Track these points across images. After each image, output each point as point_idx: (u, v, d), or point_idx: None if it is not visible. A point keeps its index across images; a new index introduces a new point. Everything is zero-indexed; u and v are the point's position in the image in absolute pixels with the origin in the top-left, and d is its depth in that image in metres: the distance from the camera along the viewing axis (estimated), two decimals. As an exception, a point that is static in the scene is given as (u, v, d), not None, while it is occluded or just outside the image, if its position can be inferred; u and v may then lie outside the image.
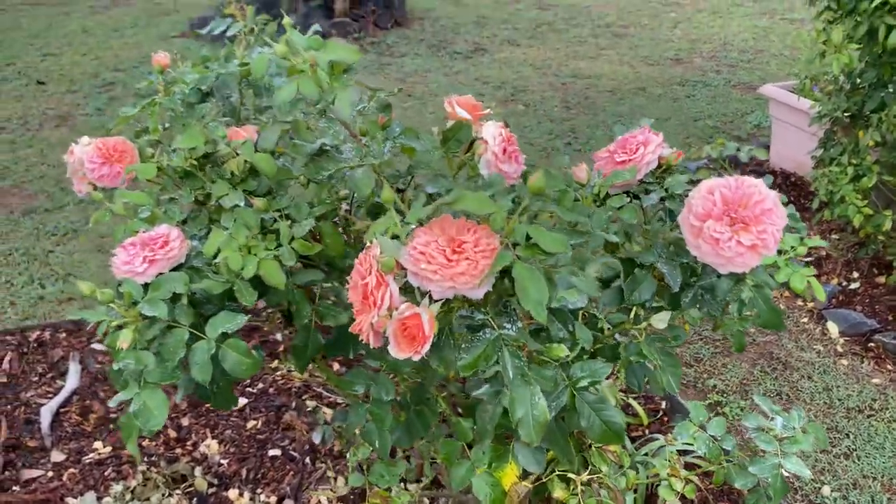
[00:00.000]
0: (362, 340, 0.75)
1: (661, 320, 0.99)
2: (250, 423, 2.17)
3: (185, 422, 2.19)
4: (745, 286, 1.03)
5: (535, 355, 0.90)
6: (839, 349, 2.70)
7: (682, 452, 1.81)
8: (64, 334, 2.59)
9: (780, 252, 1.50)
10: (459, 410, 1.34)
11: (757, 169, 3.88)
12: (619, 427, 0.95)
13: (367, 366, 1.24)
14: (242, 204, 1.11)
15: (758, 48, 6.25)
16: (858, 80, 2.77)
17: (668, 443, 1.68)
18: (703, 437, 1.49)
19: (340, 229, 1.17)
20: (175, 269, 1.03)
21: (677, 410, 2.26)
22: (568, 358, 0.95)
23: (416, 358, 0.75)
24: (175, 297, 0.97)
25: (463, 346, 0.79)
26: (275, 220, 1.10)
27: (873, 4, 2.50)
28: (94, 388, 2.32)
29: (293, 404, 2.23)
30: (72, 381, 2.33)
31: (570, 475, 1.14)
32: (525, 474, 1.17)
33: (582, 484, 1.13)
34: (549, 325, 0.89)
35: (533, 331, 0.92)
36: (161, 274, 0.97)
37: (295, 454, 2.06)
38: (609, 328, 1.04)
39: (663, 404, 2.32)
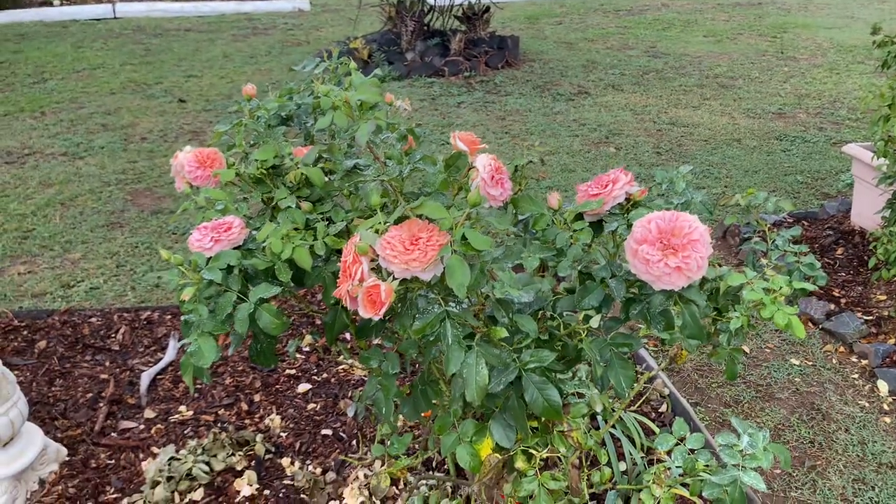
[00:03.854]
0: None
1: (595, 321, 1.20)
2: (310, 406, 2.49)
3: (256, 398, 2.53)
4: (674, 301, 1.22)
5: (493, 339, 1.14)
6: (885, 407, 2.72)
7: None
8: (169, 316, 3.02)
9: (767, 291, 1.67)
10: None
11: (836, 227, 3.90)
12: (556, 404, 1.17)
13: (383, 346, 1.51)
14: (294, 206, 1.42)
15: (870, 107, 6.15)
16: (928, 144, 2.82)
17: (658, 455, 1.85)
18: (682, 449, 1.66)
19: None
20: (236, 249, 1.34)
21: (700, 441, 2.38)
22: (521, 344, 1.18)
23: (377, 318, 1.01)
24: (230, 269, 1.28)
25: (416, 316, 1.05)
26: (318, 221, 1.40)
27: (937, 72, 2.57)
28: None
29: (350, 393, 2.53)
30: (170, 354, 2.73)
31: (532, 451, 1.35)
32: (498, 448, 1.39)
33: (542, 460, 1.34)
34: (495, 311, 1.13)
35: (489, 317, 1.16)
36: (222, 251, 1.29)
37: (344, 435, 2.35)
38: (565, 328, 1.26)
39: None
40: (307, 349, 2.74)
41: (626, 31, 9.01)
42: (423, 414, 1.54)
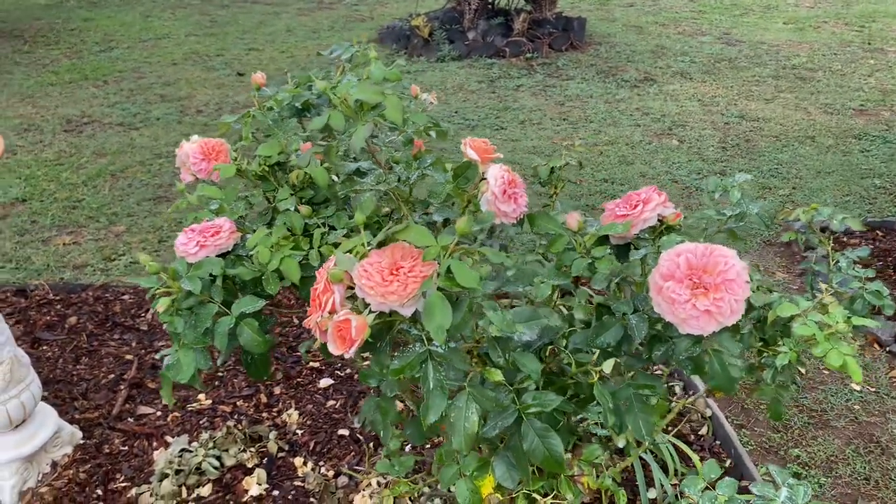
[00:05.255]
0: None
1: (608, 365, 1.05)
2: (330, 403, 2.40)
3: (276, 390, 2.46)
4: (700, 347, 1.06)
5: (489, 378, 1.01)
6: (954, 445, 2.48)
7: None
8: (201, 298, 2.98)
9: (821, 326, 1.48)
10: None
11: (913, 238, 3.60)
12: (559, 456, 1.03)
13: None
14: (293, 209, 1.31)
15: (961, 107, 5.70)
16: None
17: (685, 497, 1.70)
18: (710, 495, 1.50)
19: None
20: (224, 255, 1.24)
21: (741, 470, 2.21)
22: (523, 385, 1.05)
23: (347, 356, 0.89)
24: (215, 278, 1.19)
25: (396, 354, 0.93)
26: (316, 227, 1.29)
27: None
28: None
29: (372, 392, 2.43)
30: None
31: (536, 496, 1.22)
32: (500, 487, 1.27)
33: (546, 507, 1.21)
34: (490, 351, 1.00)
35: (485, 354, 1.03)
36: (206, 259, 1.19)
37: (361, 437, 2.26)
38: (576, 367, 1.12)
39: (727, 462, 2.27)
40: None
41: (700, 16, 8.61)
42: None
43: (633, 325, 1.06)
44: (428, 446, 2.20)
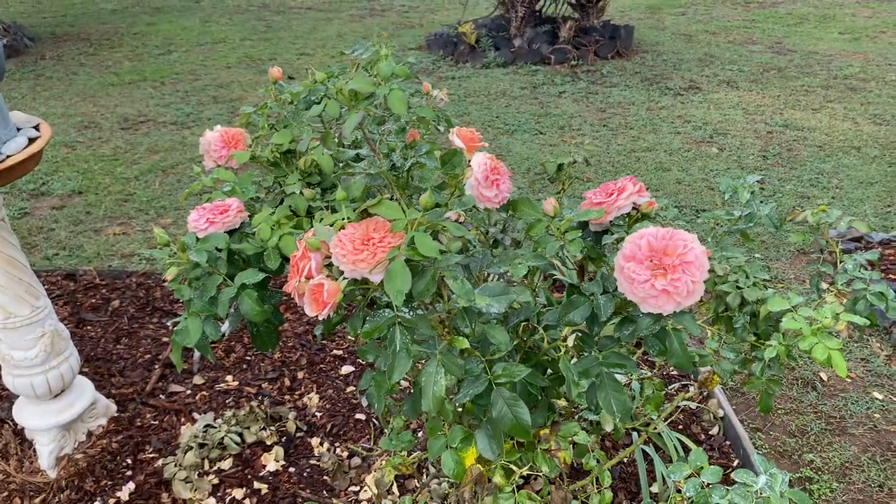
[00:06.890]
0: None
1: (572, 339, 1.12)
2: (350, 388, 2.50)
3: (300, 375, 2.57)
4: (662, 324, 1.11)
5: (456, 346, 1.08)
6: (976, 457, 2.44)
7: None
8: (236, 287, 3.12)
9: (810, 321, 1.51)
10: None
11: (953, 250, 3.52)
12: (525, 423, 1.10)
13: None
14: (298, 192, 1.41)
15: None
16: None
17: (677, 486, 1.74)
18: (696, 481, 1.55)
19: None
20: (232, 232, 1.35)
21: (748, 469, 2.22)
22: (494, 356, 1.12)
23: (322, 317, 0.98)
24: (221, 251, 1.29)
25: (367, 318, 1.01)
26: (319, 209, 1.39)
27: None
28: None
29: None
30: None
31: (513, 467, 1.29)
32: (482, 459, 1.34)
33: (522, 478, 1.27)
34: (459, 321, 1.07)
35: (456, 327, 1.11)
36: (212, 234, 1.30)
37: (376, 422, 2.35)
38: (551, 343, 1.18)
39: (735, 462, 2.29)
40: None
41: (752, 25, 8.51)
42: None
43: (601, 305, 1.12)
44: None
